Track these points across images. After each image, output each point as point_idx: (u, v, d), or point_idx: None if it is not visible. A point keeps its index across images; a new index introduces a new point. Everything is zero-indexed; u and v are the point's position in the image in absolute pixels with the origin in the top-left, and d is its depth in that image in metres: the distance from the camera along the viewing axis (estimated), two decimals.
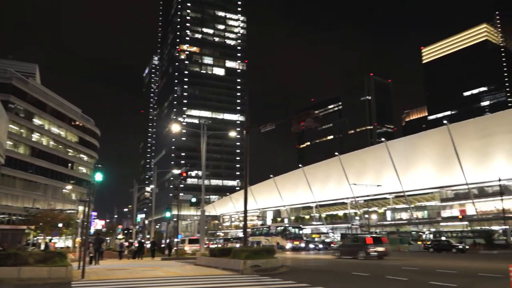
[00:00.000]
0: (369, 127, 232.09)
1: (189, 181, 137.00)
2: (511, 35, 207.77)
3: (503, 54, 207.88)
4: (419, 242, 55.54)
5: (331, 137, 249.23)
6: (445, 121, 69.31)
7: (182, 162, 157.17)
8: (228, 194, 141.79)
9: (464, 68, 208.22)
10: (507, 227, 54.39)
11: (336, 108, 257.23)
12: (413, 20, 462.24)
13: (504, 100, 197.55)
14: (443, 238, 53.92)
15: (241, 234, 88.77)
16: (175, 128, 73.29)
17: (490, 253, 42.21)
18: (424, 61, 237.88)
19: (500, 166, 60.88)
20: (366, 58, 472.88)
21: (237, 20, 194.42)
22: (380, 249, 32.21)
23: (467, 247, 46.50)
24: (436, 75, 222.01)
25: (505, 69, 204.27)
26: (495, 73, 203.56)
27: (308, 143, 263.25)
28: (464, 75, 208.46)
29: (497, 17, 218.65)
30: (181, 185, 42.82)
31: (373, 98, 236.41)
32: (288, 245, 56.73)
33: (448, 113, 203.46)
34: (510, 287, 9.87)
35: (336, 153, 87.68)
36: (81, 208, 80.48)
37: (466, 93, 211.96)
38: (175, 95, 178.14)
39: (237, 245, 47.70)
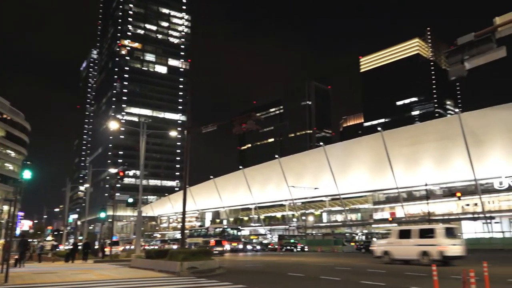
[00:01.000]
0: (308, 131, 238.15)
1: (126, 180, 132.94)
2: (440, 50, 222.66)
3: (432, 68, 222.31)
4: (352, 243, 57.79)
5: (272, 139, 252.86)
6: (379, 128, 72.84)
7: (120, 161, 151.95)
8: (166, 194, 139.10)
9: (398, 79, 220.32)
10: None
11: (277, 112, 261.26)
12: (354, 30, 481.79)
13: (432, 111, 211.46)
14: (375, 239, 56.51)
15: (178, 236, 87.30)
16: (113, 125, 70.58)
17: None
18: (362, 70, 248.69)
19: (427, 172, 65.02)
20: (308, 64, 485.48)
21: (181, 18, 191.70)
22: (220, 248, 34.19)
23: None
24: (373, 84, 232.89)
25: (434, 81, 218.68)
26: (425, 85, 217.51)
27: (249, 145, 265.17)
28: (397, 86, 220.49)
29: (428, 33, 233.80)
30: (118, 185, 41.42)
31: (313, 103, 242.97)
32: (226, 246, 56.68)
33: (383, 120, 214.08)
34: (435, 286, 10.46)
35: (277, 156, 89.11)
36: (6, 207, 75.15)
37: (399, 103, 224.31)
38: (114, 92, 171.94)
39: (175, 247, 46.91)
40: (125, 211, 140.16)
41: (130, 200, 42.20)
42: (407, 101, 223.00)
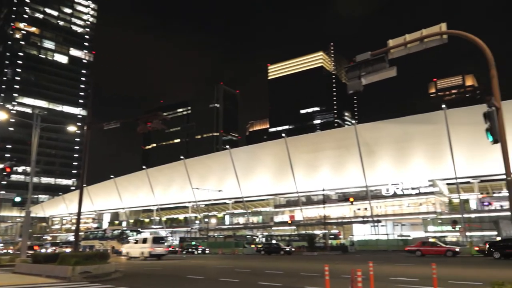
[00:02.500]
0: (215, 134, 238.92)
1: (14, 177, 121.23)
2: (341, 65, 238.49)
3: (334, 81, 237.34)
4: (253, 246, 59.08)
5: (178, 140, 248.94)
6: (283, 134, 75.69)
7: (7, 155, 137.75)
8: (61, 194, 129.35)
9: (302, 88, 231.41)
10: (326, 231, 61.83)
11: (185, 112, 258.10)
12: (265, 38, 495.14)
13: (332, 120, 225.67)
14: (274, 242, 58.45)
15: (72, 238, 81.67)
16: (2, 115, 63.68)
17: (311, 254, 47.26)
18: (269, 77, 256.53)
19: (325, 177, 69.09)
20: (218, 67, 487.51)
21: (86, 6, 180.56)
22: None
23: (293, 249, 51.22)
24: (279, 91, 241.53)
25: (334, 93, 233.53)
26: (327, 96, 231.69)
27: (154, 144, 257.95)
28: (302, 95, 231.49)
29: (332, 48, 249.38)
30: (4, 182, 37.45)
31: (221, 106, 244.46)
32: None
33: (287, 127, 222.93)
34: (326, 286, 11.12)
35: (182, 157, 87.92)
36: None
37: (302, 111, 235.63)
38: (5, 78, 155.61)
39: (68, 250, 43.74)
40: (11, 211, 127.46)
41: (18, 199, 38.33)
42: (310, 110, 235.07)
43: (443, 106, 59.36)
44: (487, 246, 34.14)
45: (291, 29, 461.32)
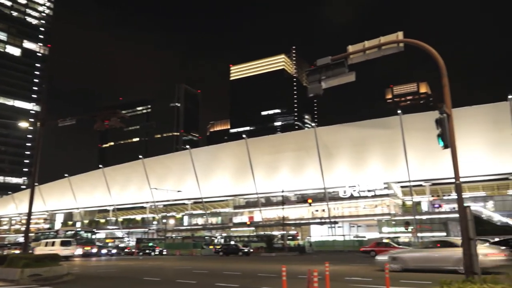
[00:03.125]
0: (175, 134, 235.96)
1: None
2: (302, 68, 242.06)
3: (295, 83, 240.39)
4: (211, 247, 58.77)
5: (137, 139, 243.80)
6: (244, 135, 75.84)
7: None
8: (10, 193, 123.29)
9: (264, 90, 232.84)
10: (285, 232, 62.48)
11: (145, 111, 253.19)
12: (228, 38, 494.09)
13: (293, 123, 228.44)
14: (232, 243, 58.41)
15: (22, 239, 78.07)
16: None
17: (269, 255, 47.55)
18: (231, 78, 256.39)
19: (284, 179, 69.81)
20: (180, 66, 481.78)
21: None
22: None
23: (251, 250, 51.36)
24: (241, 92, 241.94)
25: (295, 96, 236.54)
26: (288, 99, 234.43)
27: (112, 143, 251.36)
28: (263, 96, 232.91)
29: (294, 51, 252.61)
30: None
31: (182, 106, 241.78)
32: (78, 251, 52.57)
33: (248, 128, 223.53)
34: (283, 286, 11.23)
35: (140, 156, 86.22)
36: None
37: (263, 113, 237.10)
38: None
39: (17, 252, 41.85)
40: None
41: None
42: (271, 112, 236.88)
43: (399, 111, 61.55)
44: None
45: (254, 31, 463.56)
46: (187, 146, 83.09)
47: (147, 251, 58.87)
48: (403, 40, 12.15)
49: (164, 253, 58.73)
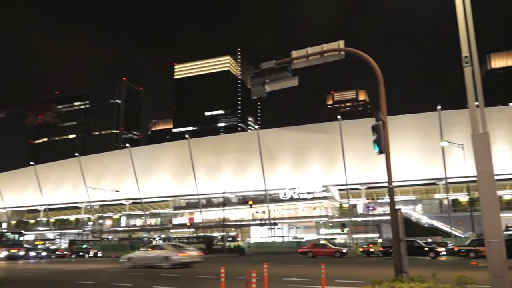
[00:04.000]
0: (115, 131, 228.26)
1: None
2: (247, 70, 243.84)
3: (239, 85, 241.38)
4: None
5: (74, 136, 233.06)
6: (186, 135, 74.96)
7: None
8: None
9: (208, 90, 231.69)
10: (225, 233, 62.44)
11: (82, 106, 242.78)
12: (174, 36, 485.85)
13: (236, 124, 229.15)
14: None
15: None
16: None
17: (209, 257, 47.23)
18: (175, 77, 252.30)
19: (226, 180, 69.81)
20: (123, 62, 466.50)
21: None
22: None
23: None
24: (185, 91, 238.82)
25: (239, 98, 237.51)
26: (232, 100, 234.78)
27: (46, 139, 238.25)
28: (207, 97, 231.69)
29: (239, 53, 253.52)
30: None
31: (123, 103, 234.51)
32: (3, 253, 49.17)
33: (191, 128, 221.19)
34: (221, 286, 11.18)
35: (77, 154, 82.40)
36: None
37: (207, 113, 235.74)
38: None
39: None
40: None
41: None
42: (214, 112, 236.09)
43: (339, 117, 63.79)
44: (373, 247, 37.21)
45: (201, 31, 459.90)
46: (127, 145, 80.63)
47: (81, 253, 56.35)
48: (344, 49, 12.61)
49: (99, 255, 56.51)
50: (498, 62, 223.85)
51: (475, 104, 9.84)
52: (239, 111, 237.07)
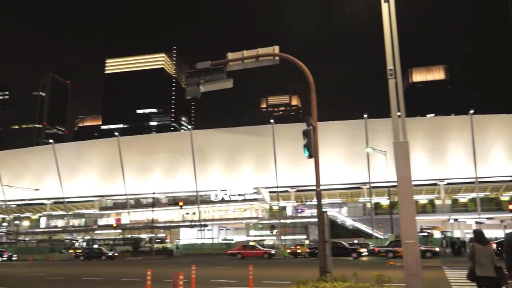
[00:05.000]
0: (38, 125, 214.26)
1: None
2: (182, 70, 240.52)
3: (174, 84, 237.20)
4: (71, 251, 54.47)
5: None
6: (116, 133, 72.15)
7: None
8: None
9: (141, 88, 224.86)
10: (153, 235, 60.91)
11: (1, 97, 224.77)
12: (107, 31, 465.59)
13: (169, 124, 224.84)
14: (95, 246, 54.90)
15: None
16: None
17: (135, 259, 45.87)
18: (106, 72, 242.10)
19: (157, 181, 68.23)
20: (49, 52, 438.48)
21: None
22: None
23: (116, 254, 48.90)
24: (116, 87, 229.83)
25: (173, 97, 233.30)
26: (165, 99, 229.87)
27: None
28: (140, 94, 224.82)
29: (174, 52, 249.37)
30: None
31: (47, 95, 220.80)
32: None
33: (121, 126, 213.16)
34: None
35: None
36: None
37: (139, 111, 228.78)
38: None
39: None
40: None
41: None
42: (147, 110, 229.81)
43: (272, 121, 64.93)
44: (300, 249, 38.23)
45: (135, 27, 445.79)
46: (51, 140, 75.78)
47: None
48: (278, 54, 12.88)
49: (14, 258, 52.58)
50: (418, 76, 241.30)
51: (397, 114, 10.51)
52: (173, 110, 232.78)
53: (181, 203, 54.14)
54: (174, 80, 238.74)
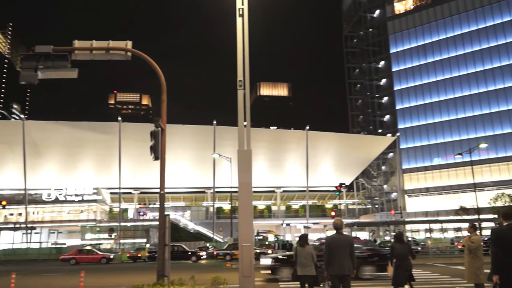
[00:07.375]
0: None
1: None
2: (18, 51, 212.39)
3: (6, 66, 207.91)
4: None
5: None
6: None
7: None
8: None
9: None
10: None
11: None
12: None
13: None
14: None
15: None
16: None
17: None
18: None
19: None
20: None
21: None
22: None
23: None
24: None
25: (3, 80, 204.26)
26: None
27: None
28: None
29: (10, 29, 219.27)
30: None
31: None
32: None
33: None
34: None
35: None
36: None
37: None
38: None
39: None
40: None
41: None
42: None
43: (119, 118, 61.85)
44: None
45: None
46: None
47: None
48: (130, 50, 12.38)
49: None
50: (265, 90, 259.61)
51: (243, 123, 11.08)
52: (2, 95, 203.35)
53: (4, 202, 47.49)
54: (6, 60, 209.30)
